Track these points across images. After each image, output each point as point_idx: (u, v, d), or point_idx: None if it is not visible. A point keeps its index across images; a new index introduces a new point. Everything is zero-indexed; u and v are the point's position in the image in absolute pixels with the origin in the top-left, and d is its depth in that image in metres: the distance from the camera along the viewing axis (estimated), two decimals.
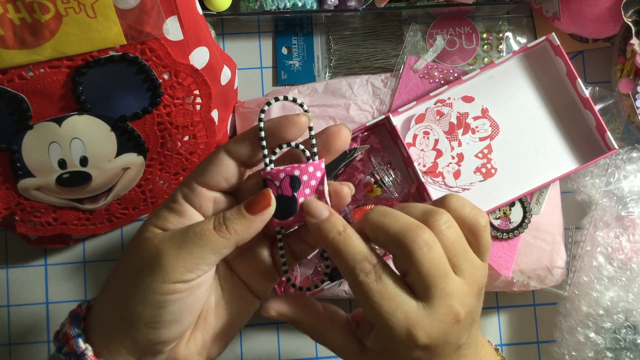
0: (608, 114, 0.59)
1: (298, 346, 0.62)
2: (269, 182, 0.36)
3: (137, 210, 0.56)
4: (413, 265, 0.34)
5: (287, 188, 0.36)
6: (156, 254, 0.34)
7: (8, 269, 0.61)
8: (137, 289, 0.34)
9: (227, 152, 0.36)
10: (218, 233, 0.35)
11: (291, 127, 0.36)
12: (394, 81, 0.58)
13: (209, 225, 0.35)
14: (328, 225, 0.36)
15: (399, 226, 0.35)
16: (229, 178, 0.36)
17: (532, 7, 0.63)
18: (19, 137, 0.46)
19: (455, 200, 0.37)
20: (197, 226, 0.35)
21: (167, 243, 0.34)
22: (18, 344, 0.61)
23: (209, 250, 0.34)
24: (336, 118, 0.57)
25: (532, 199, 0.57)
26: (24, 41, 0.41)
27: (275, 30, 0.63)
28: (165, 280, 0.34)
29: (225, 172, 0.36)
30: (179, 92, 0.48)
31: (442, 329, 0.34)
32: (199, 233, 0.34)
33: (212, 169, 0.36)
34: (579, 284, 0.57)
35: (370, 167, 0.56)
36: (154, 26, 0.43)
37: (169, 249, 0.34)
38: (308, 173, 0.36)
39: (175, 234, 0.35)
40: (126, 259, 0.36)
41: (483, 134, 0.57)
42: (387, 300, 0.34)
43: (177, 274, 0.34)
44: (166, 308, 0.34)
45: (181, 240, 0.34)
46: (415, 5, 0.59)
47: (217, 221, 0.35)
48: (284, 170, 0.36)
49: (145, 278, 0.34)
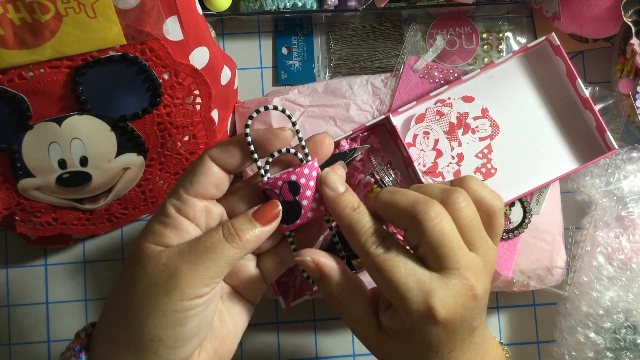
0: (608, 114, 0.59)
1: (298, 346, 0.62)
2: (269, 192, 0.37)
3: (137, 210, 0.56)
4: (424, 236, 0.34)
5: (288, 194, 0.37)
6: (169, 273, 0.34)
7: (8, 269, 0.61)
8: (153, 310, 0.33)
9: (213, 160, 0.36)
10: (231, 244, 0.35)
11: (276, 141, 0.36)
12: (394, 81, 0.58)
13: (219, 236, 0.35)
14: (344, 200, 0.36)
15: (409, 201, 0.35)
16: (219, 185, 0.36)
17: (532, 7, 0.63)
18: (19, 137, 0.46)
19: (475, 182, 0.37)
20: (206, 239, 0.35)
21: (179, 261, 0.34)
22: (18, 344, 0.61)
23: (224, 263, 0.35)
24: (336, 118, 0.57)
25: (532, 199, 0.57)
26: (24, 41, 0.41)
27: (275, 30, 0.63)
28: (184, 298, 0.34)
29: (214, 180, 0.36)
30: (179, 92, 0.48)
31: (458, 301, 0.34)
32: (212, 247, 0.34)
33: (200, 178, 0.36)
34: (579, 284, 0.57)
35: (370, 167, 0.56)
36: (154, 26, 0.43)
37: (183, 266, 0.34)
38: (304, 175, 0.36)
39: (183, 250, 0.34)
40: (128, 281, 0.35)
41: (483, 134, 0.57)
42: (398, 268, 0.34)
43: (195, 290, 0.34)
44: (187, 324, 0.34)
45: (194, 256, 0.34)
46: (415, 5, 0.59)
47: (228, 232, 0.35)
48: (280, 178, 0.36)
49: (160, 299, 0.33)
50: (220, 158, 0.36)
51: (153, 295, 0.33)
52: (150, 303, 0.33)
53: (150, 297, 0.34)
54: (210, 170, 0.36)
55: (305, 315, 0.62)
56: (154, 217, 0.36)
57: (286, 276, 0.56)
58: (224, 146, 0.36)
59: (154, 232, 0.35)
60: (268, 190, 0.37)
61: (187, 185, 0.36)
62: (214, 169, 0.36)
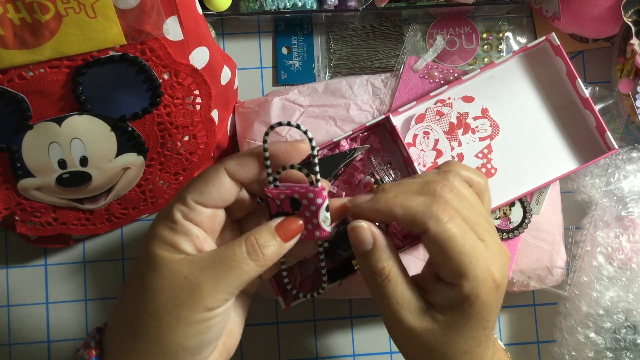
0: (608, 114, 0.59)
1: (298, 346, 0.62)
2: (270, 200, 0.37)
3: (137, 210, 0.56)
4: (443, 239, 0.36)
5: (288, 207, 0.37)
6: (192, 288, 0.34)
7: (8, 269, 0.61)
8: (177, 322, 0.34)
9: (229, 174, 0.36)
10: (254, 262, 0.35)
11: (295, 154, 0.37)
12: (394, 81, 0.58)
13: (242, 253, 0.35)
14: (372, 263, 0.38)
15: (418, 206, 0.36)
16: (228, 199, 0.37)
17: (532, 7, 0.63)
18: (19, 137, 0.46)
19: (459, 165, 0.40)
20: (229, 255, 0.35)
21: (202, 275, 0.34)
22: (18, 344, 0.61)
23: (246, 278, 0.35)
24: (336, 118, 0.57)
25: (532, 199, 0.57)
26: (24, 41, 0.41)
27: (275, 30, 0.63)
28: (207, 309, 0.34)
29: (226, 192, 0.36)
30: (179, 92, 0.48)
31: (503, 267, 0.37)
32: (235, 264, 0.35)
33: (212, 190, 0.36)
34: (579, 284, 0.57)
35: (370, 167, 0.56)
36: (154, 26, 0.43)
37: (206, 282, 0.34)
38: (308, 198, 0.36)
39: (204, 263, 0.35)
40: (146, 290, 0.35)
41: (483, 134, 0.57)
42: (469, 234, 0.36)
43: (217, 302, 0.35)
44: (210, 332, 0.35)
45: (217, 272, 0.34)
46: (415, 5, 0.59)
47: (251, 248, 0.35)
48: (284, 192, 0.36)
49: (184, 312, 0.34)
50: (237, 172, 0.36)
51: (176, 308, 0.34)
52: (174, 315, 0.34)
53: (173, 309, 0.34)
54: (224, 183, 0.36)
55: (305, 315, 0.62)
56: (160, 222, 0.36)
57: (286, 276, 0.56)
58: (241, 160, 0.36)
59: (164, 239, 0.35)
60: (270, 199, 0.37)
61: (197, 194, 0.36)
62: (227, 181, 0.36)
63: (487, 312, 0.37)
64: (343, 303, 0.62)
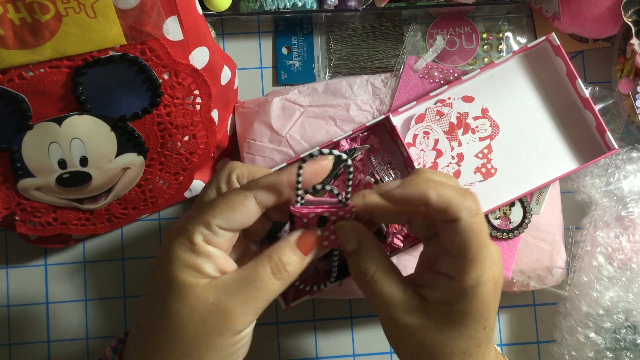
0: (608, 114, 0.59)
1: (298, 346, 0.62)
2: (296, 218, 0.36)
3: (137, 210, 0.56)
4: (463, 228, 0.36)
5: (314, 224, 0.37)
6: (221, 315, 0.34)
7: (8, 269, 0.61)
8: (208, 349, 0.34)
9: (258, 202, 0.35)
10: (280, 281, 0.35)
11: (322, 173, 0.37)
12: (394, 81, 0.58)
13: (266, 273, 0.35)
14: None
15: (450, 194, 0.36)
16: (250, 223, 0.36)
17: (532, 7, 0.63)
18: (19, 137, 0.46)
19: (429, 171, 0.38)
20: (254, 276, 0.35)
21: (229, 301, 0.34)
22: (18, 344, 0.61)
23: (272, 297, 0.35)
24: (336, 118, 0.57)
25: (532, 199, 0.57)
26: (24, 41, 0.41)
27: (275, 30, 0.63)
28: (236, 333, 0.35)
29: (250, 219, 0.36)
30: (179, 92, 0.48)
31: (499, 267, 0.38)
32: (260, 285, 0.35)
33: (238, 217, 0.35)
34: (579, 284, 0.57)
35: (370, 167, 0.56)
36: (154, 26, 0.43)
37: (234, 307, 0.34)
38: (337, 215, 0.36)
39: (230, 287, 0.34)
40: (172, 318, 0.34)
41: (483, 134, 0.57)
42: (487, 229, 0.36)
43: (245, 324, 0.35)
44: (239, 351, 0.36)
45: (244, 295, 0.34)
46: (415, 5, 0.59)
47: (276, 267, 0.35)
48: (314, 211, 0.36)
49: (214, 338, 0.34)
50: (266, 200, 0.36)
51: (206, 336, 0.34)
52: (205, 343, 0.34)
53: (203, 337, 0.34)
54: (252, 211, 0.36)
55: (305, 315, 0.62)
56: (178, 244, 0.35)
57: None
58: (272, 190, 0.36)
59: (186, 262, 0.34)
60: (296, 217, 0.36)
61: (222, 220, 0.35)
62: (255, 208, 0.36)
63: (486, 310, 0.36)
64: (343, 303, 0.62)
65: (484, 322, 0.37)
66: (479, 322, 0.37)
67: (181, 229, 0.35)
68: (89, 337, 0.61)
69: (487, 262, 0.36)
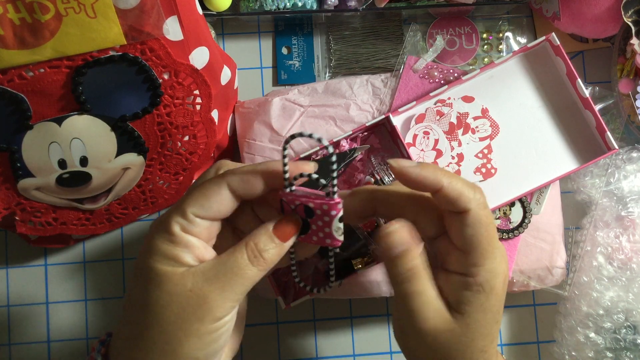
0: (608, 114, 0.59)
1: (298, 346, 0.62)
2: (284, 204, 0.37)
3: (137, 210, 0.56)
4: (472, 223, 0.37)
5: (302, 213, 0.37)
6: (199, 301, 0.34)
7: (8, 269, 0.61)
8: (188, 337, 0.34)
9: (231, 189, 0.36)
10: (257, 267, 0.35)
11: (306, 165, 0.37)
12: (394, 81, 0.58)
13: (243, 260, 0.35)
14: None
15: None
16: (227, 212, 0.36)
17: (532, 7, 0.63)
18: (19, 137, 0.46)
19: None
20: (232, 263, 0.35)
21: (207, 287, 0.34)
22: (18, 344, 0.61)
23: (250, 283, 0.35)
24: (336, 118, 0.57)
25: (532, 199, 0.57)
26: (24, 41, 0.41)
27: (275, 30, 0.63)
28: (216, 320, 0.34)
29: (225, 208, 0.36)
30: (179, 92, 0.48)
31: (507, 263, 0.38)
32: (238, 271, 0.35)
33: (213, 204, 0.35)
34: (579, 284, 0.57)
35: (370, 167, 0.56)
36: (154, 26, 0.43)
37: (212, 293, 0.34)
38: (322, 209, 0.36)
39: (207, 274, 0.34)
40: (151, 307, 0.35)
41: (483, 134, 0.57)
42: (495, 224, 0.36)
43: (224, 311, 0.35)
44: (219, 340, 0.35)
45: (222, 282, 0.34)
46: (415, 5, 0.59)
47: (252, 254, 0.35)
48: (299, 199, 0.36)
49: (193, 325, 0.34)
50: (239, 189, 0.36)
51: (185, 323, 0.34)
52: (184, 329, 0.34)
53: (182, 324, 0.34)
54: (225, 199, 0.36)
55: (305, 315, 0.62)
56: (157, 235, 0.35)
57: (286, 276, 0.56)
58: (246, 177, 0.36)
59: (164, 252, 0.35)
60: (284, 202, 0.37)
61: (198, 207, 0.35)
62: (228, 197, 0.36)
63: (499, 305, 0.37)
64: (343, 303, 0.62)
65: (497, 317, 0.37)
66: (495, 317, 0.37)
67: (160, 221, 0.36)
68: (89, 337, 0.61)
69: (498, 256, 0.36)
